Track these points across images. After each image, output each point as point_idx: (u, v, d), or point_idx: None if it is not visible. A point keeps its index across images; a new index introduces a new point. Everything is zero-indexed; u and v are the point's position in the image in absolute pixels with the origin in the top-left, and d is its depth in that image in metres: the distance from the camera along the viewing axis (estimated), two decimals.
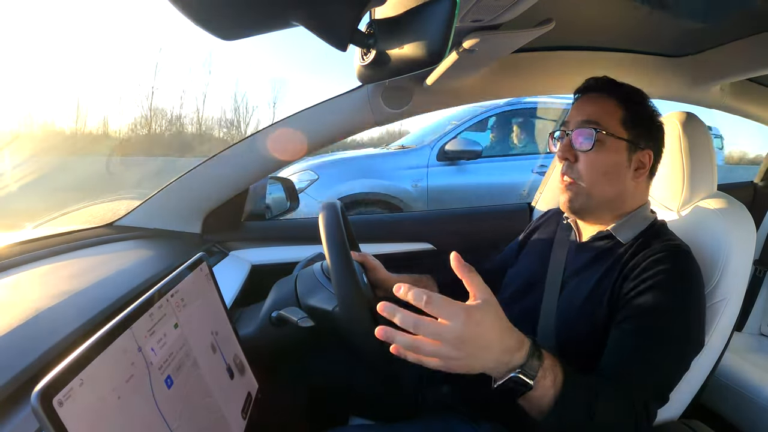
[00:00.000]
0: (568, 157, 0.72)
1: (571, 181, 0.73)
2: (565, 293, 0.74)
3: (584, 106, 0.74)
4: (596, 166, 0.71)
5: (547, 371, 0.52)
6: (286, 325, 0.73)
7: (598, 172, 0.71)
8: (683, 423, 0.76)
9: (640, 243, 0.70)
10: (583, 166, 0.72)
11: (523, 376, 0.50)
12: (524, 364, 0.50)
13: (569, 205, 0.74)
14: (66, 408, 0.31)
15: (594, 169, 0.71)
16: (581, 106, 0.75)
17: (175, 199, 1.11)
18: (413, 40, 0.47)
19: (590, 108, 0.73)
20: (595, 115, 0.71)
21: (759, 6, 0.81)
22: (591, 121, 0.71)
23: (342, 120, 1.07)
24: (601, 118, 0.71)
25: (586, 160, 0.71)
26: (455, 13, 0.43)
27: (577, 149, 0.72)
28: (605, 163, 0.71)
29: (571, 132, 0.73)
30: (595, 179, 0.71)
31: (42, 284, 0.69)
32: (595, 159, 0.71)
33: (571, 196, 0.74)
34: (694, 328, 0.64)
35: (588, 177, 0.71)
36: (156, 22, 33.37)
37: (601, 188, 0.72)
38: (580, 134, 0.72)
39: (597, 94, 0.74)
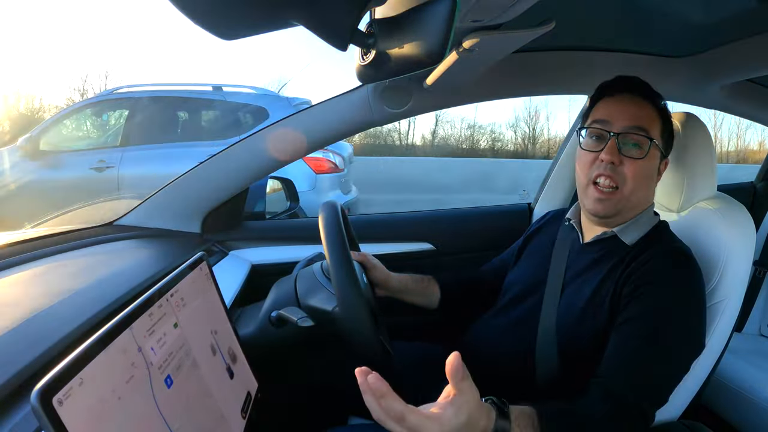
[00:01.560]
0: (615, 160, 0.69)
1: (612, 187, 0.70)
2: (566, 295, 0.74)
3: (628, 107, 0.71)
4: (643, 173, 0.70)
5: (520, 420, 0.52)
6: (285, 325, 0.73)
7: (643, 179, 0.71)
8: (683, 423, 0.76)
9: (644, 245, 0.70)
10: (630, 172, 0.69)
11: None
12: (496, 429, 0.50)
13: (604, 211, 0.72)
14: (66, 407, 0.31)
15: (640, 177, 0.70)
16: (625, 107, 0.71)
17: (175, 199, 1.11)
18: (413, 40, 0.47)
19: (637, 112, 0.71)
20: (644, 122, 0.70)
21: (759, 6, 0.81)
22: (641, 127, 0.69)
23: (342, 120, 1.07)
24: (648, 125, 0.70)
25: (635, 167, 0.69)
26: (455, 13, 0.43)
27: (626, 154, 0.69)
28: (649, 171, 0.71)
29: (616, 134, 0.70)
30: (638, 187, 0.70)
31: (42, 283, 0.69)
32: (643, 167, 0.70)
33: (609, 203, 0.71)
34: (694, 331, 0.64)
35: (632, 184, 0.70)
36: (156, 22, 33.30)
37: (637, 195, 0.71)
38: (630, 139, 0.69)
39: (639, 98, 0.72)
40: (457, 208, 1.44)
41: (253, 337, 0.74)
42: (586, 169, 0.73)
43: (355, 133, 1.11)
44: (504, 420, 0.51)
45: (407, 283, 0.92)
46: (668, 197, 0.87)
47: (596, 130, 0.73)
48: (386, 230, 1.30)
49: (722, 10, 0.85)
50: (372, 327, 0.65)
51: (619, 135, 0.70)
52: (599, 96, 0.76)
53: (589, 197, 0.73)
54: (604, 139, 0.71)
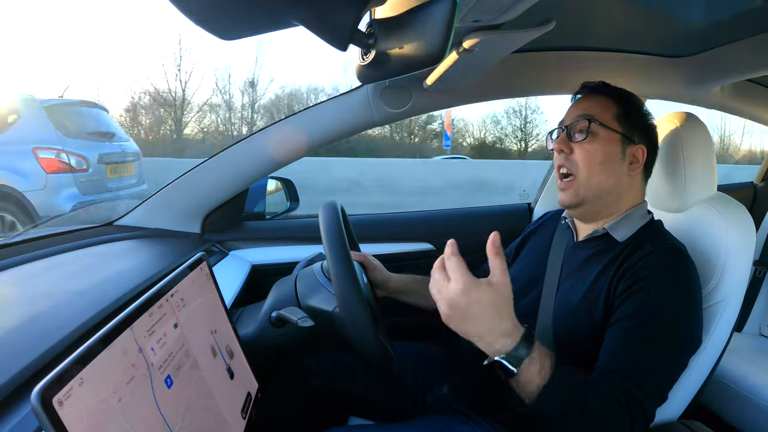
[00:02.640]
0: (564, 148, 0.75)
1: (568, 176, 0.75)
2: (562, 292, 0.74)
3: (580, 103, 0.78)
4: (591, 155, 0.73)
5: (533, 360, 0.55)
6: (285, 325, 0.73)
7: (594, 161, 0.73)
8: (683, 423, 0.76)
9: (637, 243, 0.71)
10: (578, 156, 0.74)
11: (506, 362, 0.54)
12: (510, 351, 0.54)
13: (568, 200, 0.76)
14: (66, 408, 0.31)
15: (589, 159, 0.73)
16: (578, 104, 0.78)
17: (175, 199, 1.11)
18: (413, 40, 0.47)
19: (586, 104, 0.77)
20: (590, 110, 0.75)
21: (759, 7, 0.81)
22: (586, 114, 0.74)
23: (342, 120, 1.07)
24: (595, 112, 0.74)
25: (581, 150, 0.74)
26: (455, 13, 0.43)
27: (574, 141, 0.75)
28: (600, 152, 0.73)
29: (566, 126, 0.76)
30: (590, 169, 0.73)
31: (42, 283, 0.69)
32: (589, 149, 0.73)
33: (571, 190, 0.75)
34: (689, 326, 0.65)
35: (583, 166, 0.73)
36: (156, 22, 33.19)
37: (597, 178, 0.73)
38: (575, 127, 0.75)
39: (593, 95, 0.78)
40: (457, 208, 1.44)
41: (253, 337, 0.74)
42: (555, 168, 0.78)
43: (356, 133, 1.11)
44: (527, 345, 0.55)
45: (407, 284, 0.93)
46: (668, 197, 0.87)
47: (558, 131, 0.79)
48: (386, 230, 1.30)
49: (722, 10, 0.85)
50: (372, 327, 0.65)
51: (569, 126, 0.75)
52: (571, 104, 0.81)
53: (558, 192, 0.78)
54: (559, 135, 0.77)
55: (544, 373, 0.56)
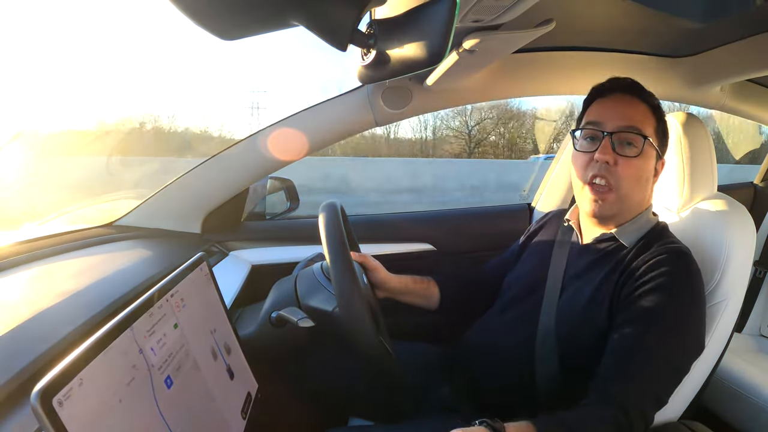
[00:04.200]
0: (609, 160, 0.69)
1: (607, 186, 0.70)
2: (565, 296, 0.74)
3: (621, 108, 0.71)
4: (638, 173, 0.70)
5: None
6: (285, 326, 0.73)
7: (638, 179, 0.70)
8: (683, 424, 0.76)
9: (642, 246, 0.70)
10: (624, 171, 0.69)
11: None
12: None
13: (600, 212, 0.71)
14: (66, 408, 0.31)
15: (635, 176, 0.69)
16: (618, 107, 0.71)
17: (175, 199, 1.11)
18: (413, 40, 0.47)
19: (630, 112, 0.71)
20: (637, 121, 0.70)
21: (759, 7, 0.81)
22: (635, 126, 0.69)
23: (342, 120, 1.07)
24: (642, 124, 0.70)
25: (629, 167, 0.69)
26: (455, 13, 0.43)
27: (620, 153, 0.69)
28: (644, 170, 0.70)
29: (610, 134, 0.69)
30: (633, 186, 0.70)
31: (42, 284, 0.69)
32: (638, 166, 0.69)
33: (604, 203, 0.70)
34: (694, 332, 0.64)
35: (627, 183, 0.69)
36: (156, 21, 33.18)
37: (633, 195, 0.71)
38: (624, 138, 0.69)
39: (631, 97, 0.72)
40: (457, 208, 1.44)
41: (253, 337, 0.74)
42: (581, 171, 0.72)
43: (356, 133, 1.11)
44: None
45: (407, 284, 0.93)
46: (668, 197, 0.87)
47: (590, 131, 0.72)
48: (386, 230, 1.30)
49: (722, 10, 0.85)
50: (372, 327, 0.65)
51: (613, 134, 0.69)
52: (592, 98, 0.77)
53: (585, 199, 0.72)
54: (598, 139, 0.70)
55: None
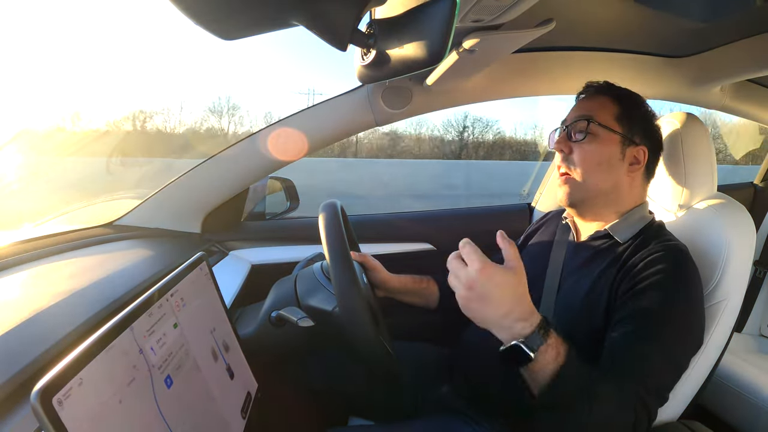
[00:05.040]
0: (563, 148, 0.76)
1: (567, 174, 0.76)
2: (562, 292, 0.74)
3: (581, 104, 0.79)
4: (589, 156, 0.74)
5: (549, 347, 0.54)
6: (285, 325, 0.73)
7: (592, 162, 0.74)
8: (683, 423, 0.76)
9: (638, 243, 0.71)
10: (577, 156, 0.75)
11: (524, 346, 0.54)
12: (528, 335, 0.54)
13: (567, 199, 0.77)
14: (66, 407, 0.31)
15: (587, 159, 0.74)
16: (579, 104, 0.79)
17: (175, 199, 1.11)
18: (413, 40, 0.47)
19: (587, 105, 0.77)
20: (590, 110, 0.75)
21: (759, 7, 0.81)
22: (585, 115, 0.75)
23: (342, 120, 1.07)
24: (595, 112, 0.75)
25: (580, 151, 0.74)
26: (455, 13, 0.43)
27: (572, 141, 0.75)
28: (598, 153, 0.74)
29: (566, 126, 0.77)
30: (588, 169, 0.74)
31: (42, 283, 0.69)
32: (588, 149, 0.74)
33: (568, 189, 0.76)
34: (690, 327, 0.65)
35: (582, 166, 0.74)
36: (156, 21, 33.19)
37: (595, 179, 0.74)
38: (574, 127, 0.75)
39: (595, 95, 0.78)
40: (457, 208, 1.44)
41: (253, 337, 0.74)
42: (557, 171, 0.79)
43: (356, 133, 1.11)
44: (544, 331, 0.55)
45: (407, 284, 0.93)
46: (668, 197, 0.87)
47: (559, 130, 0.79)
48: (386, 230, 1.30)
49: (722, 10, 0.85)
50: (372, 327, 0.65)
51: (569, 126, 0.76)
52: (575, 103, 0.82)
53: (557, 190, 0.79)
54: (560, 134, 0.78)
55: (560, 360, 0.55)
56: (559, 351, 0.55)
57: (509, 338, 0.55)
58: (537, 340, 0.54)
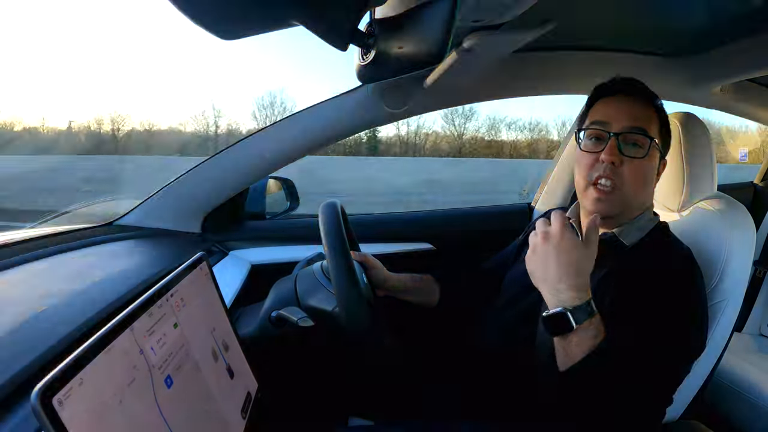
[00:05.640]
0: (615, 161, 0.68)
1: (612, 186, 0.69)
2: None
3: (627, 108, 0.71)
4: (644, 173, 0.70)
5: (593, 325, 0.57)
6: (285, 325, 0.73)
7: (644, 179, 0.70)
8: (683, 423, 0.76)
9: (643, 246, 0.70)
10: (630, 172, 0.69)
11: (570, 314, 0.57)
12: (576, 307, 0.57)
13: (605, 212, 0.71)
14: (66, 408, 0.31)
15: (641, 177, 0.70)
16: (623, 107, 0.71)
17: (175, 199, 1.11)
18: (413, 39, 0.47)
19: (636, 112, 0.70)
20: (643, 121, 0.70)
21: (759, 6, 0.81)
22: (641, 127, 0.69)
23: (342, 120, 1.07)
24: (647, 124, 0.70)
25: (635, 167, 0.69)
26: (455, 13, 0.43)
27: (626, 154, 0.69)
28: (649, 171, 0.71)
29: (616, 134, 0.69)
30: (639, 186, 0.70)
31: (42, 283, 0.69)
32: (643, 167, 0.69)
33: (612, 202, 0.70)
34: (695, 332, 0.64)
35: (633, 184, 0.69)
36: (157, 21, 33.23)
37: (639, 195, 0.71)
38: (631, 139, 0.69)
39: (635, 98, 0.72)
40: (457, 208, 1.44)
41: (253, 337, 0.74)
42: (585, 171, 0.72)
43: (356, 133, 1.11)
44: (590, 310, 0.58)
45: (407, 283, 0.93)
46: (668, 197, 0.87)
47: (595, 131, 0.72)
48: (386, 230, 1.30)
49: (722, 10, 0.85)
50: (372, 327, 0.65)
51: (619, 135, 0.69)
52: (596, 97, 0.76)
53: (588, 198, 0.72)
54: (604, 140, 0.70)
55: (598, 341, 0.57)
56: (600, 331, 0.57)
57: (557, 303, 0.58)
58: (583, 315, 0.57)
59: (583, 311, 0.57)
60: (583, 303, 0.57)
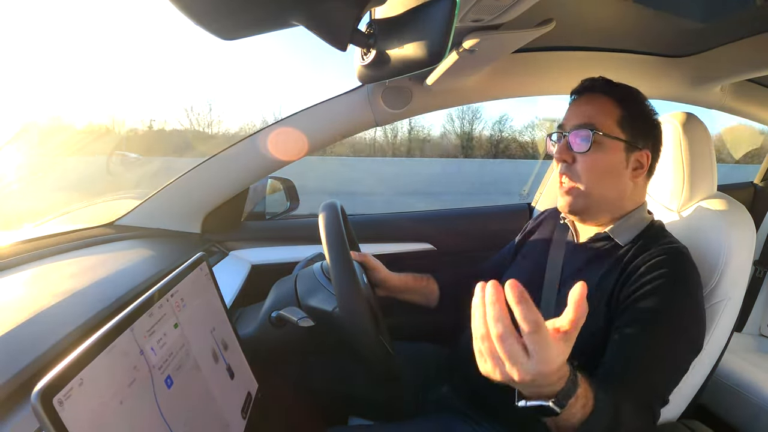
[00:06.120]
0: (566, 159, 0.72)
1: (570, 184, 0.73)
2: (562, 293, 0.74)
3: (581, 107, 0.74)
4: (594, 167, 0.71)
5: (579, 398, 0.48)
6: (285, 325, 0.73)
7: (597, 173, 0.71)
8: (683, 423, 0.76)
9: (639, 245, 0.70)
10: (581, 167, 0.71)
11: (554, 405, 0.46)
12: (559, 393, 0.46)
13: (570, 209, 0.74)
14: (66, 407, 0.31)
15: (592, 171, 0.71)
16: (578, 107, 0.74)
17: (175, 199, 1.11)
18: (413, 40, 0.47)
19: (587, 109, 0.73)
20: (592, 116, 0.71)
21: (759, 7, 0.81)
22: (587, 122, 0.71)
23: (342, 120, 1.07)
24: (597, 119, 0.71)
25: (584, 162, 0.71)
26: (455, 13, 0.43)
27: (575, 151, 0.71)
28: (603, 164, 0.71)
29: (568, 133, 0.72)
30: (593, 181, 0.71)
31: (42, 284, 0.69)
32: (592, 160, 0.70)
33: (570, 199, 0.73)
34: (693, 331, 0.64)
35: (587, 179, 0.71)
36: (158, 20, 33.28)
37: (600, 189, 0.72)
38: (576, 135, 0.71)
39: (593, 95, 0.74)
40: (457, 208, 1.44)
41: (253, 337, 0.74)
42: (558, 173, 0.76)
43: (356, 133, 1.11)
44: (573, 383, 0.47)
45: (407, 282, 0.93)
46: (668, 197, 0.87)
47: (558, 134, 0.76)
48: (386, 230, 1.30)
49: (722, 10, 0.85)
50: (372, 327, 0.65)
51: (570, 134, 0.72)
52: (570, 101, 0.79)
53: (559, 197, 0.76)
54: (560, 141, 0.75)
55: (587, 409, 0.49)
56: (588, 397, 0.49)
57: (536, 397, 0.47)
58: (567, 396, 0.46)
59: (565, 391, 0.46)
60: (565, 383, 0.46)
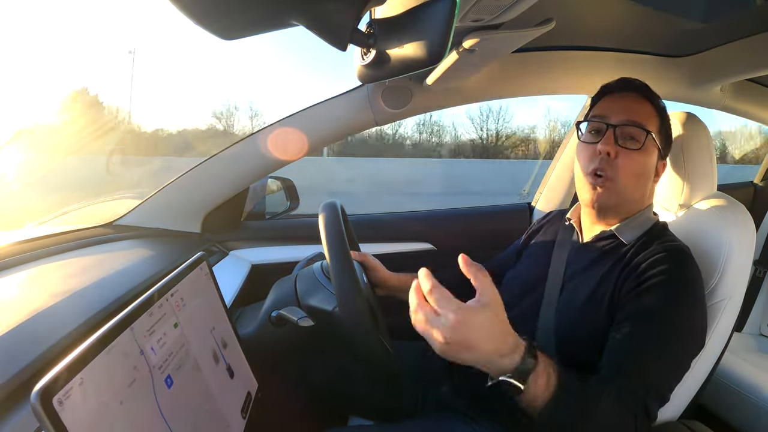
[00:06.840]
0: (610, 151, 0.70)
1: (607, 176, 0.70)
2: (565, 293, 0.74)
3: (627, 104, 0.73)
4: (636, 166, 0.70)
5: (539, 374, 0.52)
6: (285, 325, 0.73)
7: (636, 172, 0.71)
8: (682, 423, 0.76)
9: (642, 244, 0.71)
10: (624, 163, 0.70)
11: (513, 380, 0.50)
12: (516, 367, 0.50)
13: (599, 203, 0.72)
14: (66, 407, 0.31)
15: (633, 170, 0.70)
16: (624, 103, 0.73)
17: (175, 199, 1.11)
18: (413, 39, 0.47)
19: (635, 107, 0.72)
20: (642, 117, 0.71)
21: (759, 7, 0.81)
22: (638, 121, 0.70)
23: (342, 120, 1.07)
24: (646, 120, 0.71)
25: (628, 159, 0.70)
26: (455, 13, 0.43)
27: (622, 146, 0.70)
28: (643, 165, 0.71)
29: (614, 126, 0.70)
30: (631, 179, 0.71)
31: (42, 283, 0.69)
32: (638, 159, 0.70)
33: (603, 193, 0.71)
34: (693, 329, 0.65)
35: (625, 176, 0.70)
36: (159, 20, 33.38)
37: (633, 189, 0.72)
38: (627, 131, 0.70)
39: (638, 96, 0.74)
40: (457, 208, 1.44)
41: (253, 337, 0.74)
42: (584, 163, 0.74)
43: (355, 133, 1.12)
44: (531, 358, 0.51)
45: (407, 282, 0.93)
46: (668, 197, 0.87)
47: (595, 124, 0.74)
48: (386, 230, 1.30)
49: (722, 10, 0.85)
50: (372, 327, 0.65)
51: (617, 127, 0.71)
52: (600, 95, 0.78)
53: (585, 188, 0.74)
54: (602, 132, 0.72)
55: (551, 385, 0.53)
56: (550, 374, 0.53)
57: (497, 373, 0.51)
58: (526, 370, 0.51)
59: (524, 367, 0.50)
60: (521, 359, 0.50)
